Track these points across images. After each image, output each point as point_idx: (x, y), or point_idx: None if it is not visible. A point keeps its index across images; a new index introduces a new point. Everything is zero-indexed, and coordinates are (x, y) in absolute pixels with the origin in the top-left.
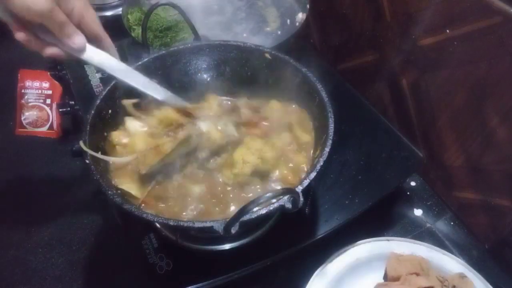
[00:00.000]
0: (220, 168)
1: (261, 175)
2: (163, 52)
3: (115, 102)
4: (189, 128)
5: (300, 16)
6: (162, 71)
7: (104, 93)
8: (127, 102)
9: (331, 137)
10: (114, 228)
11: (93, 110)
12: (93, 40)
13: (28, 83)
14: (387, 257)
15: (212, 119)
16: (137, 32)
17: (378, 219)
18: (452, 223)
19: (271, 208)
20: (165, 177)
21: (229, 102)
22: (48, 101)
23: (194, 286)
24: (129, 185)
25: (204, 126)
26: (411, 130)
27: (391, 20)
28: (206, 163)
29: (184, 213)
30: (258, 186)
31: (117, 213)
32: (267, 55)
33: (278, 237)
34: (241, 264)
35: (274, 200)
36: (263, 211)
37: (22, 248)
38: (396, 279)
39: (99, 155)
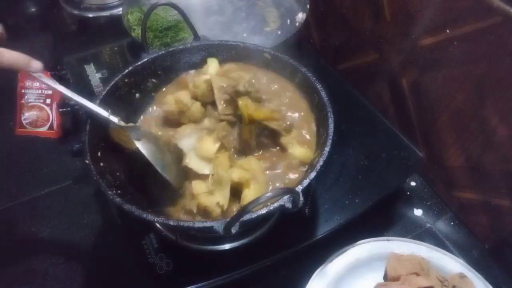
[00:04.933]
0: None
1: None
2: (163, 52)
3: (114, 102)
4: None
5: (300, 16)
6: (161, 72)
7: (104, 93)
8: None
9: (331, 137)
10: (114, 228)
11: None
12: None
13: (28, 83)
14: (387, 257)
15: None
16: (137, 32)
17: (378, 219)
18: (452, 223)
19: (271, 208)
20: None
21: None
22: (48, 101)
23: (194, 286)
24: None
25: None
26: (411, 130)
27: (391, 20)
28: None
29: None
30: None
31: (117, 213)
32: (267, 55)
33: (278, 237)
34: (241, 264)
35: (274, 200)
36: (263, 211)
37: (22, 248)
38: (396, 279)
39: None
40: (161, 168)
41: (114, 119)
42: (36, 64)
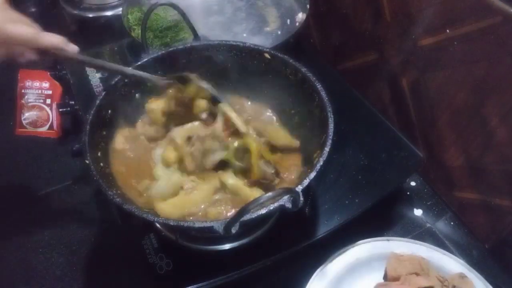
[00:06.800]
0: None
1: None
2: (163, 52)
3: (114, 103)
4: None
5: (300, 16)
6: (161, 72)
7: (104, 93)
8: None
9: (330, 137)
10: (114, 228)
11: (93, 110)
12: None
13: (28, 83)
14: (387, 257)
15: None
16: (137, 32)
17: (378, 219)
18: (452, 223)
19: (271, 208)
20: None
21: None
22: (48, 101)
23: (194, 286)
24: None
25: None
26: (411, 130)
27: (391, 20)
28: None
29: None
30: None
31: (117, 213)
32: (267, 55)
33: (278, 237)
34: (241, 264)
35: (274, 200)
36: (263, 211)
37: (22, 248)
38: (396, 279)
39: None
40: None
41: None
42: (73, 47)
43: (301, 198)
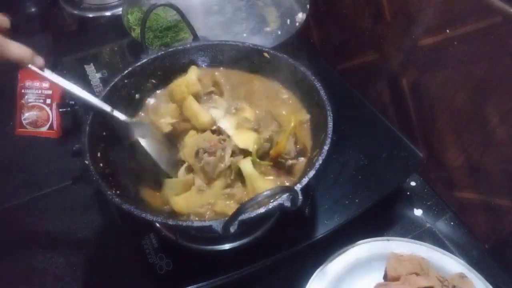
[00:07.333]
0: None
1: None
2: (162, 52)
3: (114, 103)
4: None
5: (300, 16)
6: (161, 72)
7: (103, 93)
8: None
9: (329, 136)
10: (114, 228)
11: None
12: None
13: (28, 83)
14: (387, 257)
15: None
16: (137, 32)
17: (378, 219)
18: (452, 223)
19: (270, 207)
20: None
21: None
22: (48, 101)
23: (194, 286)
24: None
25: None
26: (411, 130)
27: (391, 20)
28: None
29: None
30: None
31: (117, 213)
32: (266, 55)
33: (278, 237)
34: (241, 264)
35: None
36: (262, 210)
37: (22, 248)
38: (396, 279)
39: None
40: (165, 166)
41: (119, 114)
42: (39, 60)
43: (300, 197)
